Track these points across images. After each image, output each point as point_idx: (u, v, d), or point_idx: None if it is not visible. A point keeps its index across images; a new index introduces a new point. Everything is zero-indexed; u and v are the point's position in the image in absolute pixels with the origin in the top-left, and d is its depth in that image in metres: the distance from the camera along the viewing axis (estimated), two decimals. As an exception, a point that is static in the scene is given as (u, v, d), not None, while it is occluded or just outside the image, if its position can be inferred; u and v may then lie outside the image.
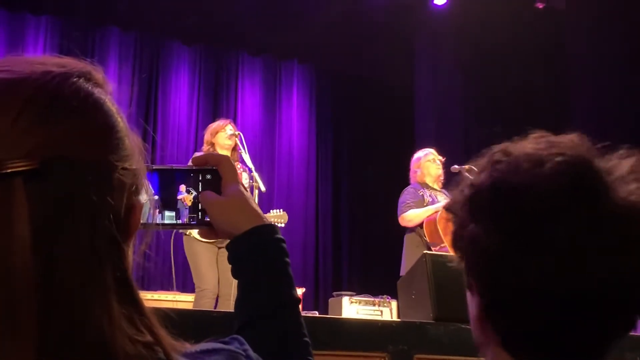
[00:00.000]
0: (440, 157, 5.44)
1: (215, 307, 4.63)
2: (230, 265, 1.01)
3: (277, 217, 5.02)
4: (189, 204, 1.02)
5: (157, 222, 1.01)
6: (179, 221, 1.03)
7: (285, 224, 5.03)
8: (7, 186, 0.61)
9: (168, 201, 1.02)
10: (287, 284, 0.99)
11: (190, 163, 1.09)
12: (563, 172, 0.77)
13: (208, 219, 1.02)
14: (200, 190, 1.02)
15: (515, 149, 0.83)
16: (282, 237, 1.01)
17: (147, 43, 8.44)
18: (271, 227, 1.00)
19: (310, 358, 0.97)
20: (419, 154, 5.56)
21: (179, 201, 1.02)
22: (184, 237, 4.82)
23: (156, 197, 1.01)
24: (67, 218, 0.63)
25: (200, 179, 1.03)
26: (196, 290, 4.76)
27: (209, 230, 1.03)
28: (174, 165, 1.04)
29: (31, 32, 7.76)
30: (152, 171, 1.01)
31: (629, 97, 6.80)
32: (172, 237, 4.96)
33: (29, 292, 0.59)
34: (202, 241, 4.70)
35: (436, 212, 5.06)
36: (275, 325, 0.96)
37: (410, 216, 5.20)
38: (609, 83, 7.07)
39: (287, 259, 1.00)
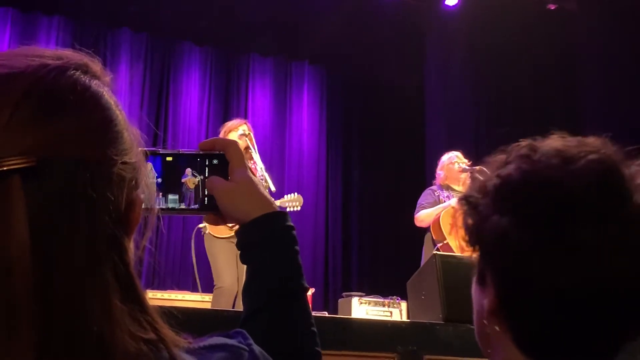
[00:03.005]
0: (466, 161, 5.46)
1: (234, 305, 4.63)
2: None
3: (292, 200, 4.95)
4: (192, 187, 1.00)
5: (160, 206, 0.98)
6: (183, 205, 1.00)
7: (295, 224, 4.98)
8: (5, 185, 0.59)
9: (172, 185, 1.00)
10: (296, 273, 0.98)
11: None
12: (595, 170, 0.77)
13: (214, 204, 1.00)
14: (206, 175, 1.00)
15: (542, 145, 0.83)
16: (292, 224, 1.00)
17: (159, 44, 8.45)
18: (282, 215, 1.00)
19: (317, 348, 0.96)
20: (444, 157, 5.62)
21: (183, 184, 1.00)
22: (205, 236, 4.81)
23: (159, 180, 0.99)
24: (66, 216, 0.62)
25: (207, 163, 1.00)
26: (214, 288, 4.75)
27: (216, 216, 1.02)
28: (180, 149, 1.02)
29: (43, 32, 7.79)
30: (157, 155, 0.99)
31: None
32: (194, 236, 4.93)
33: (28, 293, 0.58)
34: (221, 238, 4.68)
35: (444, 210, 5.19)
36: (282, 313, 0.95)
37: (422, 217, 5.35)
38: (620, 85, 7.02)
39: (297, 247, 0.99)
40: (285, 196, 5.03)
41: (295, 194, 5.01)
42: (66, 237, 0.61)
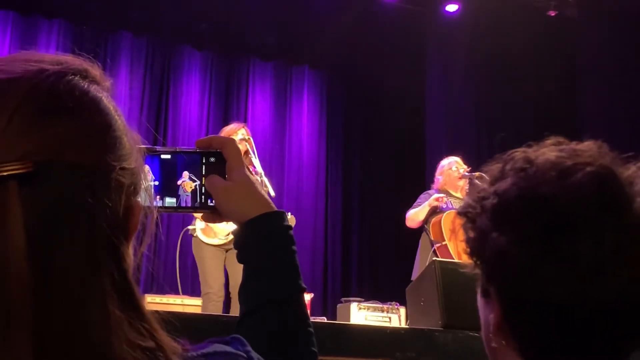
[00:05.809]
0: (465, 167, 5.44)
1: (226, 310, 4.64)
2: (240, 267, 1.00)
3: None
4: (189, 190, 0.99)
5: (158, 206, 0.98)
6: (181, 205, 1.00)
7: (294, 230, 4.98)
8: (2, 190, 0.59)
9: (169, 187, 0.99)
10: (294, 273, 0.98)
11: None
12: (591, 183, 0.77)
13: (212, 204, 0.99)
14: (204, 173, 0.99)
15: (536, 157, 0.82)
16: (290, 224, 1.00)
17: (159, 48, 8.46)
18: (279, 214, 0.99)
19: (313, 349, 0.96)
20: (444, 161, 5.59)
21: (179, 187, 0.99)
22: (193, 239, 4.83)
23: (156, 182, 0.98)
24: (64, 222, 0.61)
25: (204, 161, 1.00)
26: (202, 294, 4.77)
27: (214, 214, 1.01)
28: (177, 147, 1.01)
29: (43, 35, 7.79)
30: (154, 154, 0.99)
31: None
32: (180, 240, 4.95)
33: (24, 301, 0.57)
34: (209, 244, 4.71)
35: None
36: (279, 313, 0.95)
37: (411, 215, 5.32)
38: (620, 91, 7.04)
39: (294, 247, 0.99)
40: None
41: (289, 214, 5.02)
42: (63, 244, 0.61)
